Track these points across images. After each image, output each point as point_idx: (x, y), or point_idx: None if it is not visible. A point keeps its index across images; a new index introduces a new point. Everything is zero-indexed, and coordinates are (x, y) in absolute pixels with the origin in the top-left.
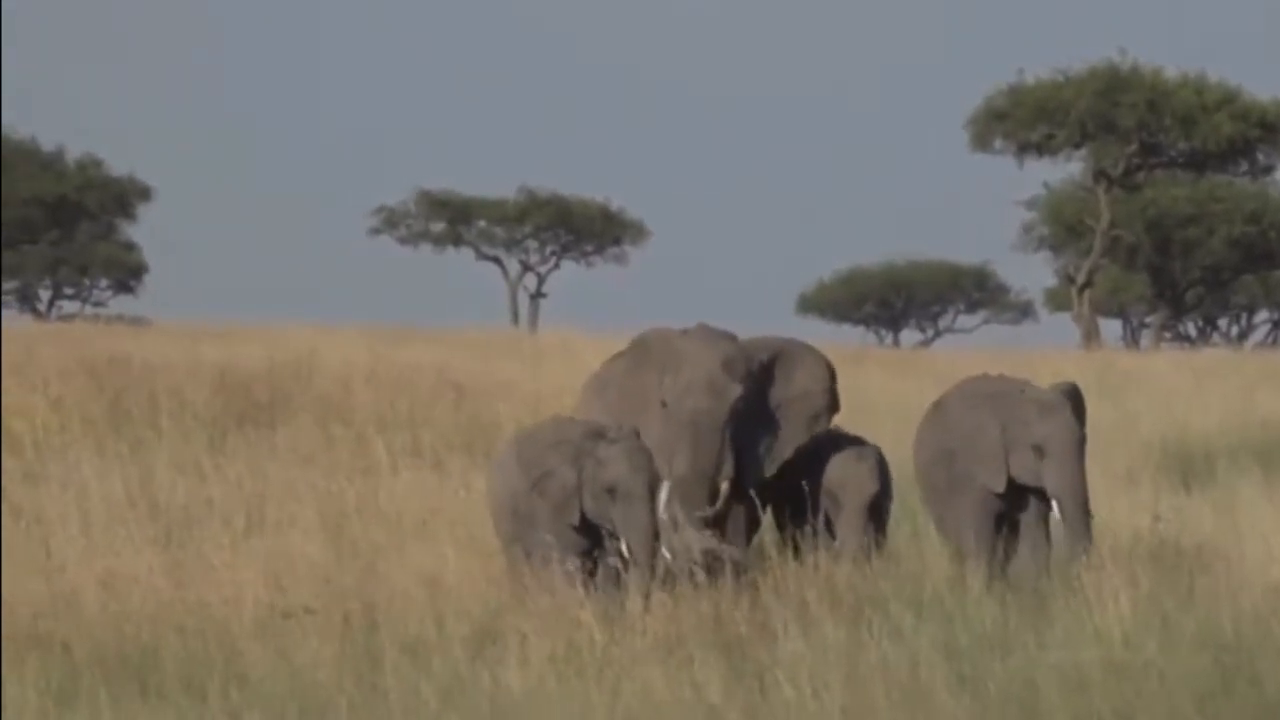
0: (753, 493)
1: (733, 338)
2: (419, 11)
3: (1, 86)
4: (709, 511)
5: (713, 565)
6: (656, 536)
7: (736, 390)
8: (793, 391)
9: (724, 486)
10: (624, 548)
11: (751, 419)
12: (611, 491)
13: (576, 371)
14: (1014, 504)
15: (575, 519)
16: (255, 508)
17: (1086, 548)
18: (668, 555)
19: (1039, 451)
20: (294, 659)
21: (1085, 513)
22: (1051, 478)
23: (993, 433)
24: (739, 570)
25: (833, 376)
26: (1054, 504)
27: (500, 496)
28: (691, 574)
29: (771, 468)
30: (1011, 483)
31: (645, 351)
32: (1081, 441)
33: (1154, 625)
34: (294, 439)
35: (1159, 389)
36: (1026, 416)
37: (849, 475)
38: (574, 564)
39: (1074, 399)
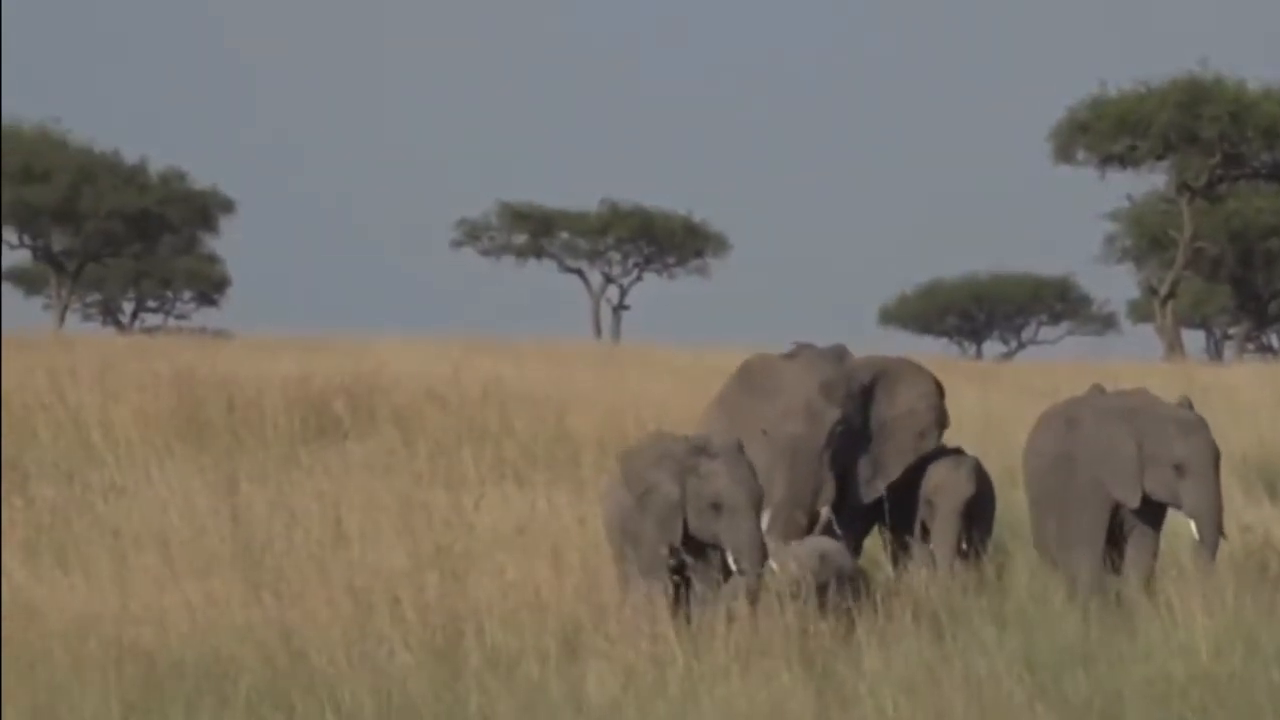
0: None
1: (840, 355)
2: (503, 24)
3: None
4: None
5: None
6: (763, 547)
7: (834, 415)
8: (897, 410)
9: (823, 513)
10: (730, 561)
11: (856, 440)
12: (716, 506)
13: (658, 383)
14: (1127, 518)
15: (678, 535)
16: (336, 520)
17: (1213, 567)
18: (774, 567)
19: (1179, 470)
20: (376, 671)
21: (1219, 533)
22: (1190, 497)
23: (1129, 449)
24: (848, 584)
25: (940, 393)
26: (1191, 523)
27: (610, 511)
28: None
29: (878, 488)
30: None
31: (749, 377)
32: (1218, 460)
33: (1238, 637)
34: (374, 451)
35: (1242, 401)
36: (1167, 434)
37: (944, 481)
38: (662, 580)
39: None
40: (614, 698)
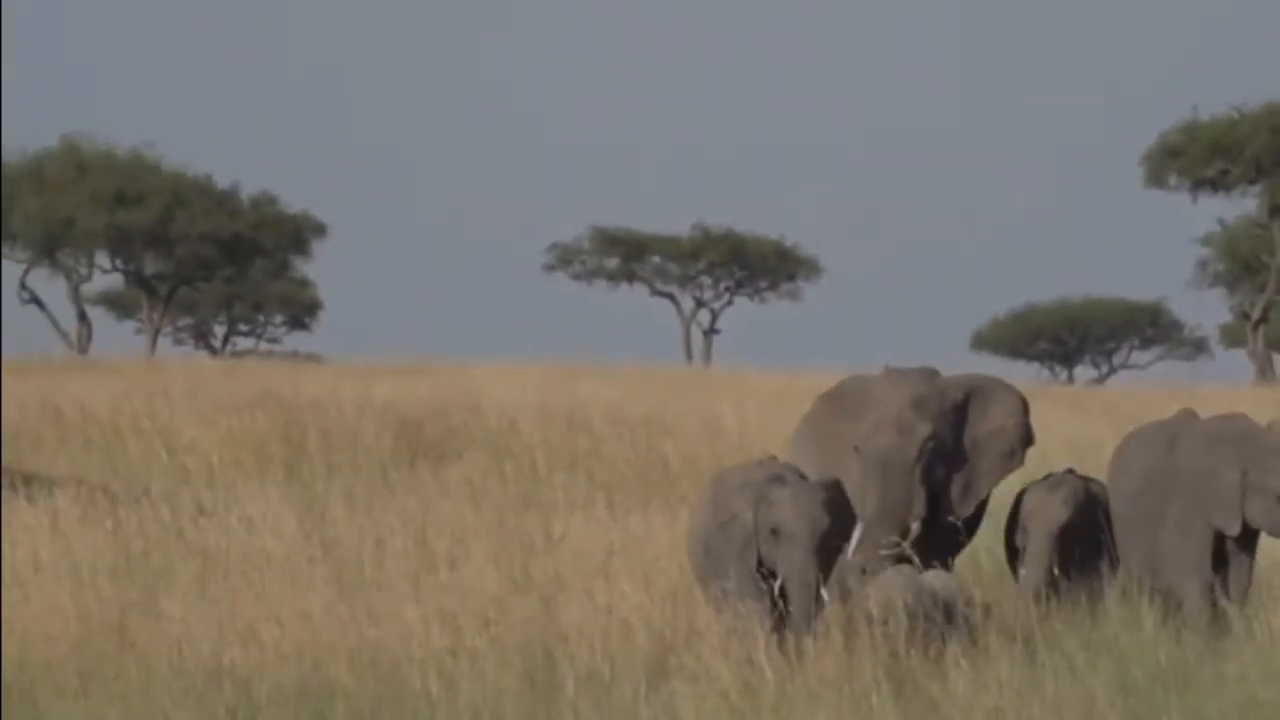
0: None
1: (931, 375)
2: (594, 49)
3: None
4: (893, 552)
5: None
6: (810, 581)
7: (925, 429)
8: (988, 428)
9: (914, 527)
10: (777, 590)
11: (947, 457)
12: (776, 533)
13: (749, 408)
14: (1225, 542)
15: (753, 563)
16: (426, 543)
17: None
18: (825, 597)
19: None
20: (469, 694)
21: None
22: None
23: (1232, 476)
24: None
25: (1026, 410)
26: None
27: (696, 534)
28: (881, 620)
29: (969, 506)
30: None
31: (842, 397)
32: None
33: None
34: (466, 475)
35: None
36: (1273, 464)
37: (1038, 505)
38: (756, 604)
39: None
40: (707, 719)
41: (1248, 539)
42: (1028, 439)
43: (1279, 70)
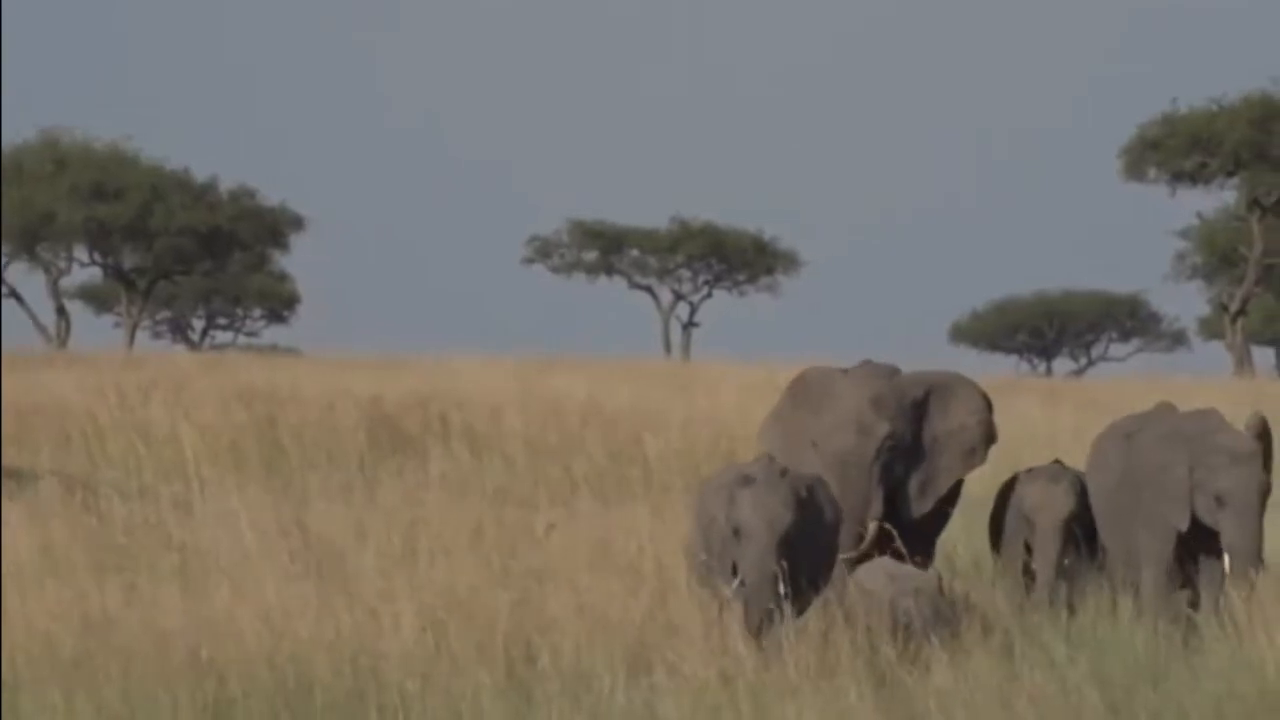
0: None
1: (893, 373)
2: (572, 42)
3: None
4: (853, 554)
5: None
6: (767, 579)
7: (884, 428)
8: (949, 425)
9: (871, 527)
10: (734, 585)
11: (907, 455)
12: (737, 532)
13: (728, 401)
14: (1196, 537)
15: (731, 565)
16: (408, 537)
17: (1229, 609)
18: (779, 591)
19: (1220, 501)
20: (447, 689)
21: (1255, 568)
22: (1227, 531)
23: (1181, 472)
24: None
25: (989, 408)
26: (1225, 556)
27: (689, 534)
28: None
29: (928, 503)
30: (1196, 520)
31: (804, 389)
32: (1264, 495)
33: None
34: (447, 470)
35: None
36: (1215, 463)
37: (1043, 498)
38: (734, 599)
39: (1263, 438)
40: (685, 715)
41: (1210, 535)
42: (989, 437)
43: (1257, 63)
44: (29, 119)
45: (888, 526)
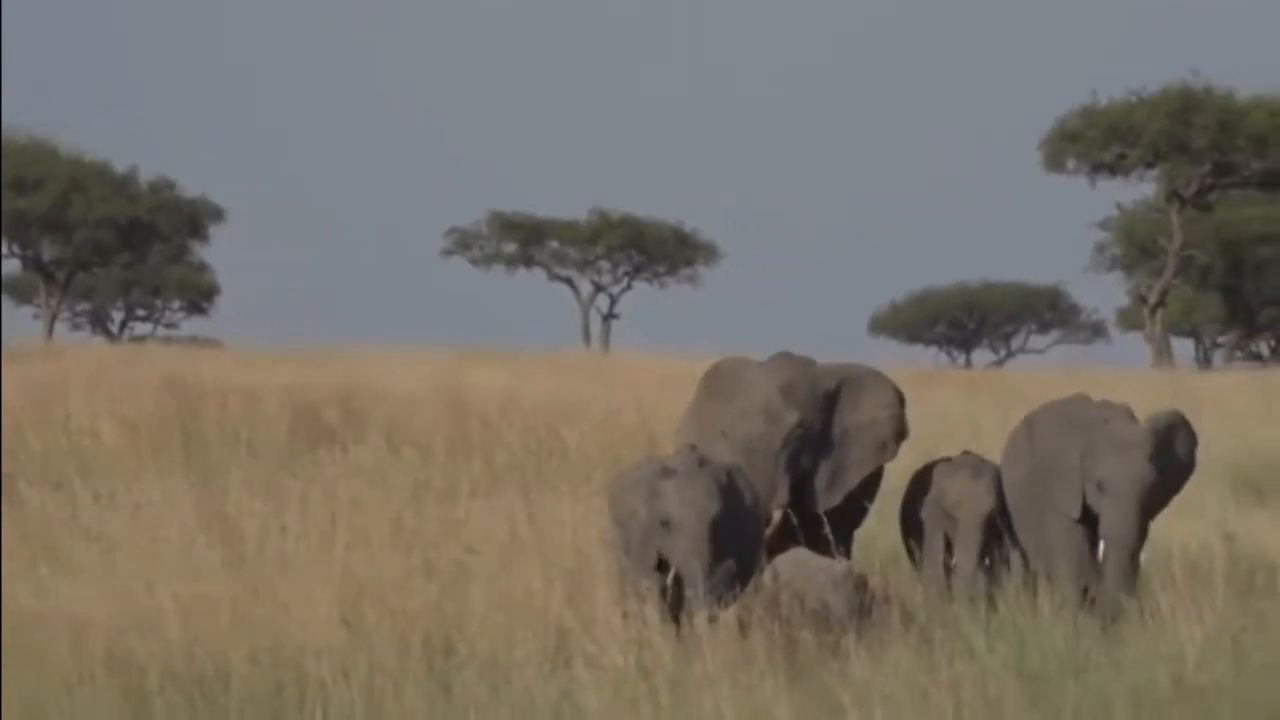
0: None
1: (808, 364)
2: (494, 35)
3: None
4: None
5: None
6: (703, 566)
7: (793, 417)
8: (860, 419)
9: (776, 515)
10: (669, 578)
11: (815, 446)
12: (665, 525)
13: (647, 392)
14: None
15: (653, 559)
16: (327, 528)
17: (1126, 596)
18: (711, 585)
19: (1101, 488)
20: (367, 681)
21: (1131, 562)
22: (1105, 519)
23: (1074, 459)
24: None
25: (901, 403)
26: (1101, 545)
27: (606, 527)
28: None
29: (837, 496)
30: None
31: (717, 379)
32: (1146, 485)
33: (1226, 647)
34: (366, 461)
35: (1231, 409)
36: (1101, 450)
37: (965, 493)
38: (653, 593)
39: (1168, 433)
40: (605, 706)
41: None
42: (901, 432)
43: (1176, 55)
44: None
45: (790, 515)
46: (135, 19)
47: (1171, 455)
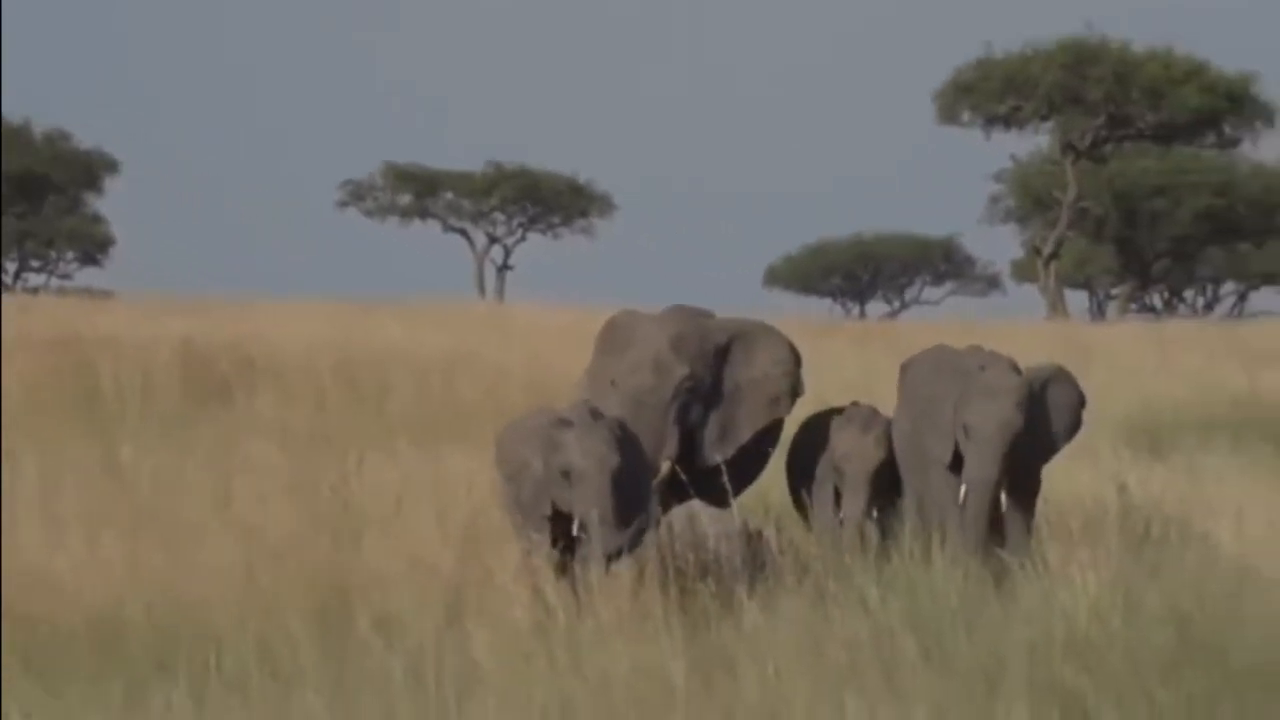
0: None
1: (703, 316)
2: None
3: None
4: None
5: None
6: (610, 517)
7: (682, 370)
8: (752, 374)
9: (664, 466)
10: (575, 530)
11: (706, 400)
12: (567, 475)
13: (542, 344)
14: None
15: (547, 510)
16: (222, 481)
17: (975, 548)
18: (620, 538)
19: (966, 433)
20: (262, 635)
21: (987, 509)
22: (968, 465)
23: (947, 407)
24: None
25: (796, 359)
26: (962, 489)
27: (496, 480)
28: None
29: (728, 450)
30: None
31: (612, 333)
32: (1011, 432)
33: (1119, 599)
34: (261, 414)
35: (1125, 361)
36: (970, 396)
37: (853, 446)
38: (548, 549)
39: (1045, 385)
40: (499, 660)
41: (1019, 485)
42: (794, 388)
43: (1071, 6)
44: None
45: (678, 470)
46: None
47: (1048, 407)
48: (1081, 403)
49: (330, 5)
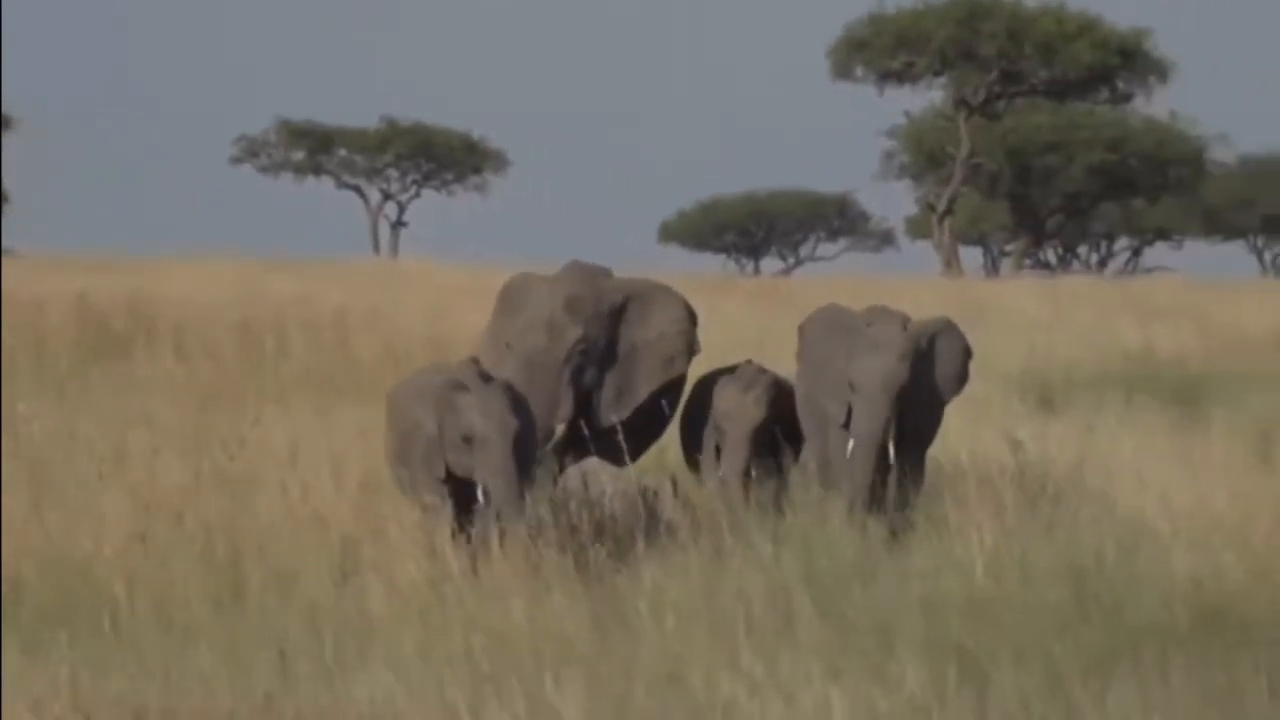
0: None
1: (600, 276)
2: None
3: None
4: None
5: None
6: (512, 481)
7: (576, 331)
8: (648, 334)
9: (559, 429)
10: (480, 494)
11: (601, 361)
12: (468, 440)
13: (435, 301)
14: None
15: (440, 471)
16: (117, 439)
17: (860, 504)
18: (526, 501)
19: (852, 388)
20: (155, 592)
21: (873, 461)
22: (855, 419)
23: (839, 365)
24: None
25: (692, 318)
26: (850, 443)
27: (385, 441)
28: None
29: (624, 410)
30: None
31: (507, 294)
32: (895, 385)
33: (1014, 555)
34: (156, 371)
35: (1019, 317)
36: (855, 352)
37: (733, 405)
38: (441, 506)
39: (932, 337)
40: (394, 615)
41: (908, 438)
42: (690, 347)
43: None
44: None
45: (580, 426)
46: None
47: (935, 359)
48: (968, 355)
49: None
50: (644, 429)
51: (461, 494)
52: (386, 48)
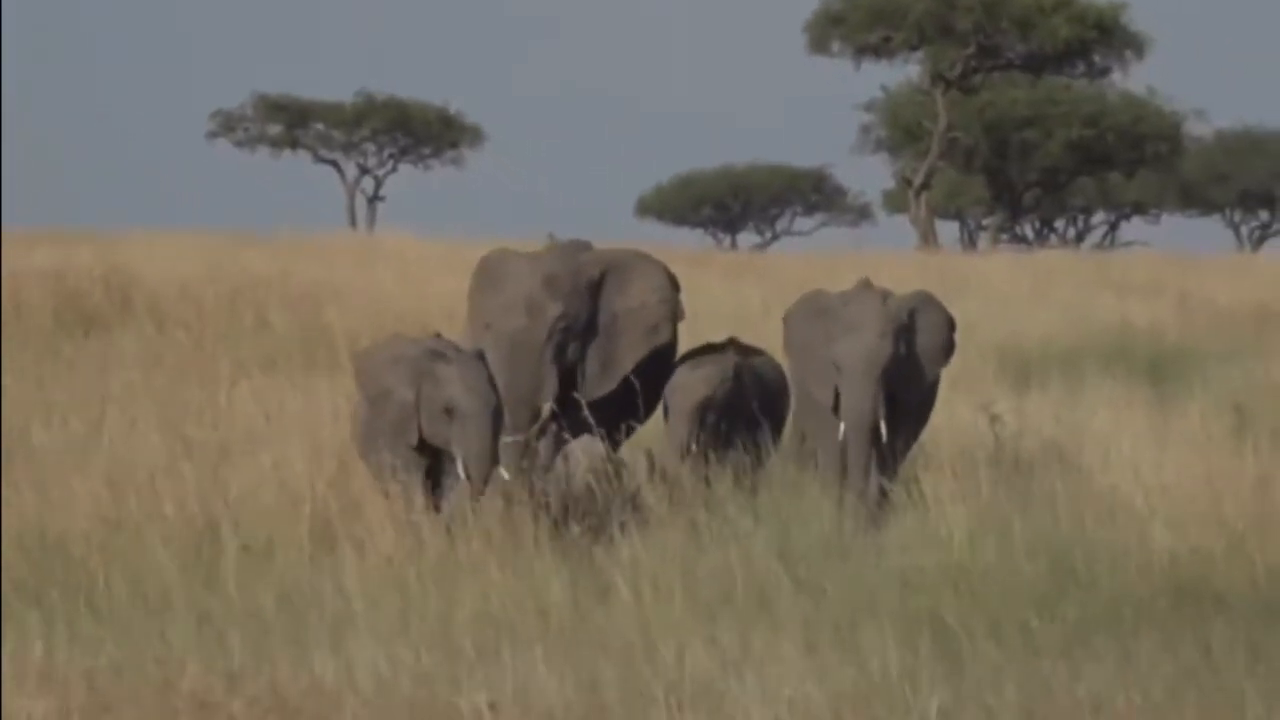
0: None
1: (578, 251)
2: None
3: None
4: (520, 437)
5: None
6: (491, 455)
7: (556, 309)
8: (629, 304)
9: (545, 409)
10: (459, 468)
11: (582, 336)
12: (449, 412)
13: (412, 275)
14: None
15: (414, 439)
16: (93, 414)
17: (862, 489)
18: (504, 475)
19: (836, 369)
20: (130, 565)
21: (868, 443)
22: (843, 402)
23: (822, 347)
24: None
25: (674, 285)
26: (842, 427)
27: (354, 410)
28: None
29: (610, 383)
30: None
31: (484, 272)
32: (878, 363)
33: (992, 530)
34: (132, 345)
35: (996, 291)
36: (835, 333)
37: (680, 381)
38: (414, 477)
39: (912, 312)
40: (370, 588)
41: (900, 414)
42: (673, 314)
43: None
44: None
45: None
46: None
47: (916, 333)
48: (952, 326)
49: None
50: (634, 404)
51: (431, 463)
52: (362, 22)
